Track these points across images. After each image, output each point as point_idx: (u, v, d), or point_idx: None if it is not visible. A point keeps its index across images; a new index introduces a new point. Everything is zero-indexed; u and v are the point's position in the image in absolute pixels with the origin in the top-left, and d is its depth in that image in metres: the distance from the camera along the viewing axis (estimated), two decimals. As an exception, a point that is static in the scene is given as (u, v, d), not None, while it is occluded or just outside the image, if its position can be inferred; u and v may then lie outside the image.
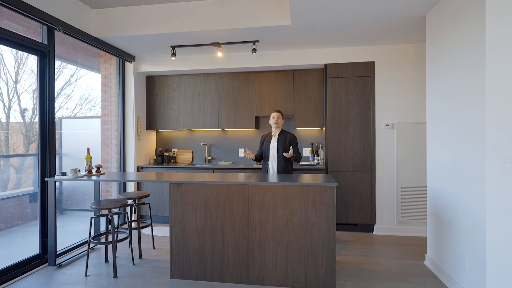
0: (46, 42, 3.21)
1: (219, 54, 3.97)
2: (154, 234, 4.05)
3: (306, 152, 4.81)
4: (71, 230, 4.44)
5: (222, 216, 2.72)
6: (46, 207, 3.14)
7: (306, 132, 4.82)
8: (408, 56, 4.03)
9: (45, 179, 3.07)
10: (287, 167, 3.46)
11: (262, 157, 3.60)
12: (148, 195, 3.42)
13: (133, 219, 4.19)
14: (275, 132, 3.54)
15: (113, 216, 2.87)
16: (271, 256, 2.65)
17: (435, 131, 2.96)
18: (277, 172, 3.43)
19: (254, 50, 3.87)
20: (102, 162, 4.73)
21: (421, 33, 3.64)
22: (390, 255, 3.36)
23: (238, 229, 2.70)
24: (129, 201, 4.17)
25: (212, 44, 3.94)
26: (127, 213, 3.13)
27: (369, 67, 4.11)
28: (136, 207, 3.32)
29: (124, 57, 4.36)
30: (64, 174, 3.10)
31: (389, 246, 3.66)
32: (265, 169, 3.55)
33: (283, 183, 2.62)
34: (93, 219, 2.96)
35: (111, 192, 4.72)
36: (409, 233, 4.03)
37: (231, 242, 2.71)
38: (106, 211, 3.38)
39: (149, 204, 3.56)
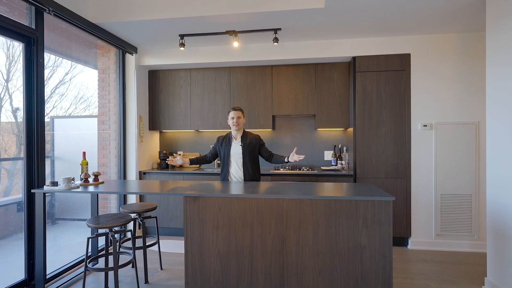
0: (33, 26, 2.69)
1: (235, 43, 3.47)
2: (161, 251, 3.53)
3: (328, 155, 4.33)
4: (64, 245, 3.90)
5: (250, 237, 2.22)
6: (33, 223, 2.62)
7: (328, 134, 4.33)
8: (449, 47, 3.56)
9: (32, 191, 2.54)
10: (255, 175, 3.02)
11: (206, 161, 3.21)
12: (154, 208, 2.90)
13: (136, 234, 3.66)
14: (236, 135, 3.06)
15: (115, 235, 2.36)
16: (311, 286, 2.16)
17: (498, 131, 2.49)
18: (244, 181, 2.98)
19: (276, 40, 3.37)
20: (100, 167, 4.20)
21: (467, 21, 3.18)
22: (439, 277, 2.88)
23: (270, 253, 2.20)
24: (133, 215, 3.64)
25: (227, 32, 3.43)
26: (130, 230, 2.61)
27: (404, 60, 3.64)
28: (141, 223, 2.80)
29: (124, 48, 3.84)
30: (55, 184, 2.57)
31: (432, 264, 3.18)
32: (225, 178, 3.05)
33: (326, 196, 2.12)
34: (90, 240, 2.43)
35: (110, 200, 4.19)
36: (450, 247, 3.56)
37: (261, 269, 2.21)
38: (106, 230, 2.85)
39: (155, 217, 3.05)
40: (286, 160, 2.91)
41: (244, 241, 2.23)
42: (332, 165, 4.22)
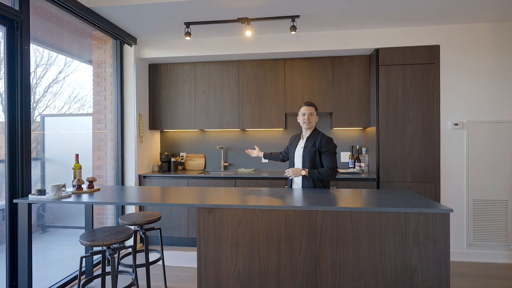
0: (17, 8, 2.30)
1: (248, 32, 3.10)
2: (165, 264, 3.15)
3: (345, 157, 3.98)
4: (55, 258, 3.50)
5: (276, 257, 1.86)
6: (16, 240, 2.23)
7: (345, 133, 3.98)
8: (482, 38, 3.23)
9: (14, 201, 2.15)
10: (315, 183, 2.52)
11: (278, 158, 2.98)
12: (158, 219, 2.53)
13: (137, 247, 3.27)
14: (305, 135, 2.65)
15: (113, 254, 1.98)
16: (351, 315, 1.80)
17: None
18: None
19: (293, 28, 3.01)
20: (95, 170, 3.80)
21: (504, 9, 2.85)
22: (483, 296, 2.54)
23: (301, 275, 1.84)
24: (133, 226, 3.25)
25: (238, 20, 3.07)
26: (131, 246, 2.23)
27: (433, 52, 3.30)
28: (143, 236, 2.42)
29: (123, 38, 3.45)
30: (42, 192, 2.18)
31: (469, 279, 2.84)
32: (290, 182, 2.69)
33: (370, 208, 1.77)
34: (84, 259, 2.05)
35: (107, 208, 3.80)
36: (483, 258, 3.23)
37: (290, 295, 1.85)
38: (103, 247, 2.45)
39: (159, 229, 2.67)
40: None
41: (270, 262, 1.86)
42: (350, 168, 3.87)
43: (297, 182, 2.58)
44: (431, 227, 1.74)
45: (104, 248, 1.99)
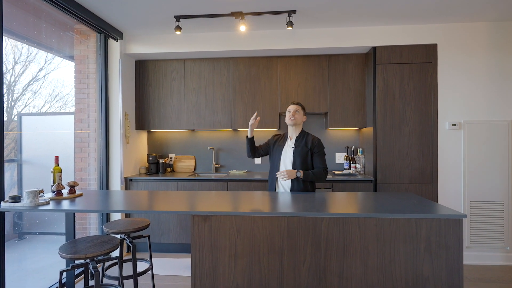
0: (-12, -6, 2.07)
1: (242, 27, 2.95)
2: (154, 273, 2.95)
3: (340, 158, 3.88)
4: (33, 268, 3.25)
5: (278, 268, 1.71)
6: (-13, 251, 2.00)
7: (339, 134, 3.89)
8: (480, 37, 3.19)
9: (-16, 209, 1.92)
10: (306, 185, 2.44)
11: (254, 150, 2.56)
12: (147, 226, 2.34)
13: (123, 257, 3.05)
14: (292, 134, 2.53)
15: (97, 267, 1.78)
16: (359, 330, 1.68)
17: None
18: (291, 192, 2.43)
19: (290, 24, 2.88)
20: (77, 173, 3.56)
21: (503, 8, 2.81)
22: (485, 301, 2.48)
23: (305, 287, 1.70)
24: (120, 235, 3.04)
25: (232, 14, 2.91)
26: (117, 257, 2.04)
27: (430, 51, 3.24)
28: (130, 245, 2.23)
29: (107, 31, 3.23)
30: (16, 199, 1.96)
31: (468, 282, 2.78)
32: (272, 185, 2.51)
33: (379, 214, 1.65)
34: (63, 273, 1.85)
35: (90, 214, 3.56)
36: (481, 261, 3.19)
37: (293, 309, 1.71)
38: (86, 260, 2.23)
39: (148, 236, 2.48)
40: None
41: (271, 273, 1.72)
42: (345, 169, 3.77)
43: (284, 185, 2.45)
44: (443, 234, 1.63)
45: (87, 260, 1.80)
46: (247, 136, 2.54)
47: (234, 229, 1.73)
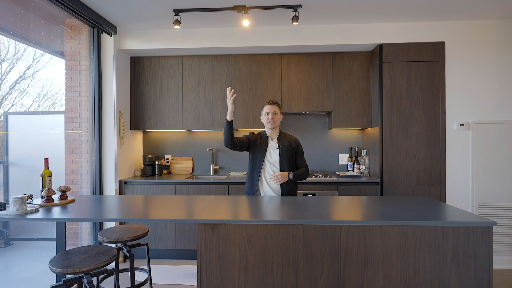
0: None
1: (245, 22, 2.80)
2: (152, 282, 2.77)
3: (343, 159, 3.76)
4: (20, 277, 3.03)
5: (293, 280, 1.57)
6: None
7: (343, 134, 3.77)
8: (488, 35, 3.11)
9: (-36, 218, 1.73)
10: (293, 187, 2.38)
11: (231, 139, 2.25)
12: (145, 234, 2.17)
13: (119, 265, 2.85)
14: (272, 134, 2.41)
15: (92, 282, 1.61)
16: None
17: None
18: (281, 195, 2.31)
19: (296, 18, 2.74)
20: (68, 175, 3.37)
21: (508, 6, 2.73)
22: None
23: (323, 302, 1.56)
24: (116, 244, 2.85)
25: (234, 8, 2.76)
26: (113, 269, 1.87)
27: (438, 48, 3.14)
28: (128, 255, 2.06)
29: (101, 25, 3.04)
30: (1, 207, 1.77)
31: (480, 288, 2.69)
32: (253, 188, 2.33)
33: (402, 222, 1.52)
34: (55, 289, 1.67)
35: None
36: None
37: (309, 325, 1.57)
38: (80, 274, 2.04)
39: (146, 245, 2.31)
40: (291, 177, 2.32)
41: (285, 286, 1.57)
42: (349, 170, 3.66)
43: (274, 188, 2.32)
44: (471, 243, 1.51)
45: (81, 274, 1.63)
46: (226, 119, 2.24)
47: (244, 239, 1.58)
